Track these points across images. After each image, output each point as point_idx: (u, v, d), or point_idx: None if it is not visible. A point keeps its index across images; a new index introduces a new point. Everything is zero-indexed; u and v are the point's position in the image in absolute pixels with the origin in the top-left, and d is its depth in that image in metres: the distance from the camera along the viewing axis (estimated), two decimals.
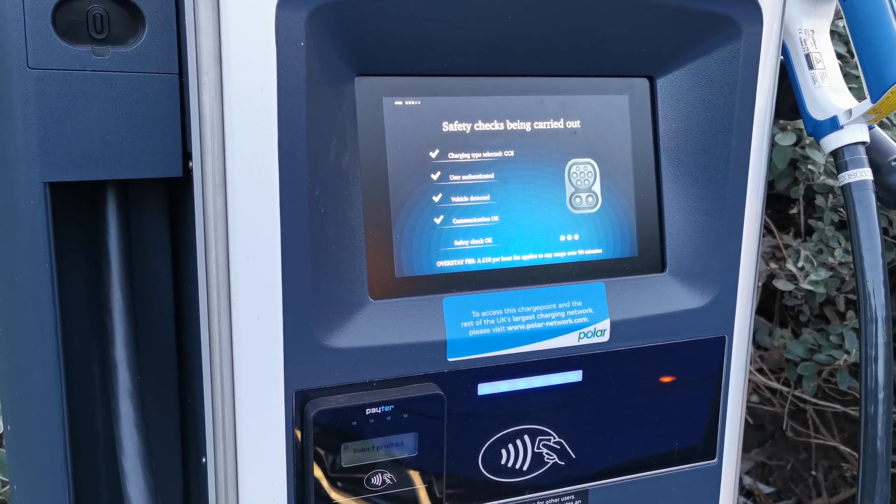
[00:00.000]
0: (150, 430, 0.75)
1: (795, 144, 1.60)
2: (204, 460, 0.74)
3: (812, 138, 1.57)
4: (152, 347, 0.82)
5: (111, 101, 0.69)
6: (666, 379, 0.83)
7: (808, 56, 0.86)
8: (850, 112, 0.83)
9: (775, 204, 1.88)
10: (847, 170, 0.84)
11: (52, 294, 0.71)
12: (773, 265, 1.71)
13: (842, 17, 0.84)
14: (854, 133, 0.84)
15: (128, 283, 0.75)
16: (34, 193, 0.69)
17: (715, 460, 0.88)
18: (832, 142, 0.85)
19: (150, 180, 0.76)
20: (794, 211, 1.86)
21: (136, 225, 0.79)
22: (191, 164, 0.69)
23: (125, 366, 0.74)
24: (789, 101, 0.89)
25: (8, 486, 1.01)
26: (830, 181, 1.61)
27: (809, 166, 1.61)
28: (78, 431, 0.80)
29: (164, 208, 0.80)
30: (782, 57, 0.86)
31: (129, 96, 0.70)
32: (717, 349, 0.84)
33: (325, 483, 0.71)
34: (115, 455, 0.73)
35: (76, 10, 0.68)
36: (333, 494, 0.72)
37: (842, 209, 1.64)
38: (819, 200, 1.67)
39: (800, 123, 1.58)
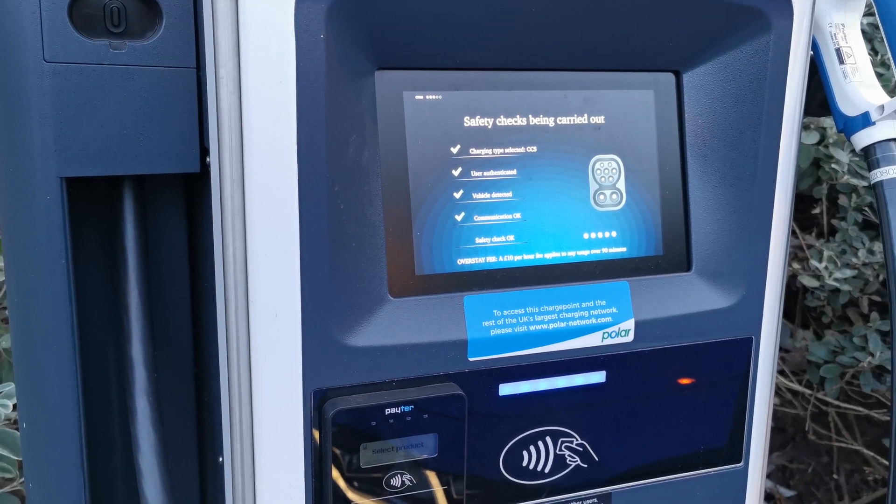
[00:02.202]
0: (167, 429, 0.75)
1: (818, 143, 1.58)
2: (221, 459, 0.73)
3: (836, 137, 1.56)
4: (169, 345, 0.81)
5: (128, 95, 0.69)
6: (691, 380, 0.81)
7: (838, 50, 0.84)
8: (882, 108, 0.81)
9: (797, 203, 1.85)
10: (878, 167, 0.82)
11: (68, 291, 0.70)
12: (796, 265, 1.69)
13: (871, 13, 0.82)
14: (886, 129, 0.82)
15: (144, 279, 0.74)
16: (50, 189, 0.68)
17: (741, 464, 0.86)
18: (863, 138, 0.83)
19: (167, 176, 0.76)
20: (817, 211, 1.84)
21: (152, 221, 0.78)
22: (208, 159, 0.69)
23: (141, 363, 0.73)
24: (818, 97, 0.87)
25: (15, 477, 1.00)
26: (854, 180, 1.59)
27: (833, 165, 1.59)
28: (94, 429, 0.79)
29: (181, 204, 0.80)
30: (812, 52, 0.84)
31: (146, 90, 0.69)
32: (744, 350, 0.83)
33: (343, 484, 0.70)
34: (131, 454, 0.73)
35: (93, 4, 0.67)
36: (351, 495, 0.71)
37: (866, 209, 1.61)
38: (842, 200, 1.64)
39: (823, 122, 1.56)
